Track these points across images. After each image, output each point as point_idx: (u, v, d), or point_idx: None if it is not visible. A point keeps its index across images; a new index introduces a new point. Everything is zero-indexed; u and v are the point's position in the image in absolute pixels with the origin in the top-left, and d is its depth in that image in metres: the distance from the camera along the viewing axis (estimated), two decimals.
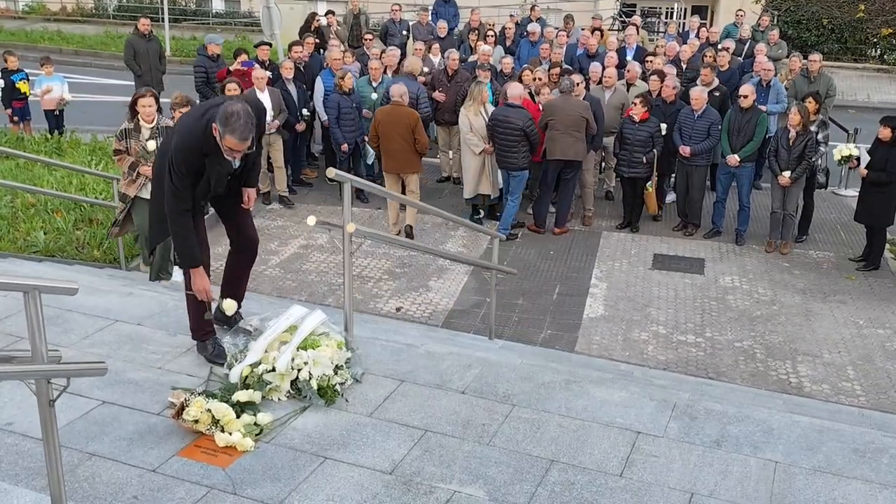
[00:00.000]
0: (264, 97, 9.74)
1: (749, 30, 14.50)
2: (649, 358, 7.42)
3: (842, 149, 9.47)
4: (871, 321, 8.14)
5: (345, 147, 10.70)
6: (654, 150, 10.01)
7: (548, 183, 10.23)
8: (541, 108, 10.18)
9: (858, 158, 9.53)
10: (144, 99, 7.37)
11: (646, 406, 4.97)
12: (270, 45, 12.08)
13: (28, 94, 12.59)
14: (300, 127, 11.06)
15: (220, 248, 6.65)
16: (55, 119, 12.75)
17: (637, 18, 16.56)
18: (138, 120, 7.40)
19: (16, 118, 12.56)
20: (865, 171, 9.11)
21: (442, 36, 14.24)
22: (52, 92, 12.51)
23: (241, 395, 4.63)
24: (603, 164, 11.76)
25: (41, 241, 8.52)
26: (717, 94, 10.53)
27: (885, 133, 8.88)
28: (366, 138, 10.57)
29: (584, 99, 10.15)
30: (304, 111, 11.11)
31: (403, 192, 9.80)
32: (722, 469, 4.33)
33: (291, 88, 10.85)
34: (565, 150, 9.81)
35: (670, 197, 11.00)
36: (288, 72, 10.84)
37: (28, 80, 12.60)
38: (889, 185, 8.93)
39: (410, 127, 9.57)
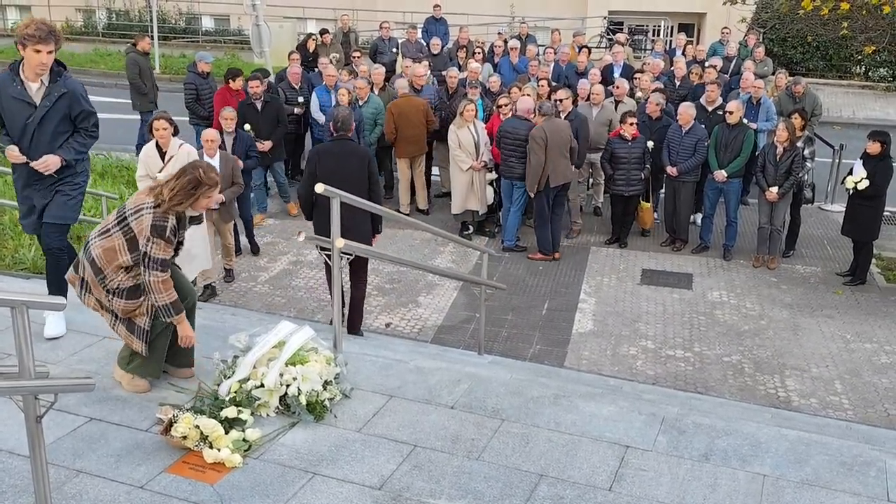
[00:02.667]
0: (214, 163, 8.32)
1: (735, 47, 14.64)
2: (638, 373, 7.43)
3: (854, 177, 9.28)
4: (859, 335, 8.19)
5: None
6: (647, 166, 10.10)
7: (546, 209, 9.90)
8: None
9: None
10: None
11: (635, 420, 4.98)
12: (267, 74, 12.10)
13: None
14: (298, 110, 11.71)
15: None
16: None
17: (622, 36, 16.71)
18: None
19: None
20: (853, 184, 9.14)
21: (435, 53, 14.33)
22: None
23: (230, 412, 4.62)
24: (591, 179, 11.84)
25: (29, 259, 8.48)
26: (721, 112, 10.16)
27: (874, 147, 8.96)
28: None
29: (571, 115, 10.21)
30: (300, 99, 11.63)
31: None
32: (710, 482, 4.34)
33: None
34: (566, 174, 9.81)
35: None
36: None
37: None
38: (875, 199, 9.02)
39: (423, 111, 10.83)
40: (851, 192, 9.07)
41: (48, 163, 5.41)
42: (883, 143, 8.94)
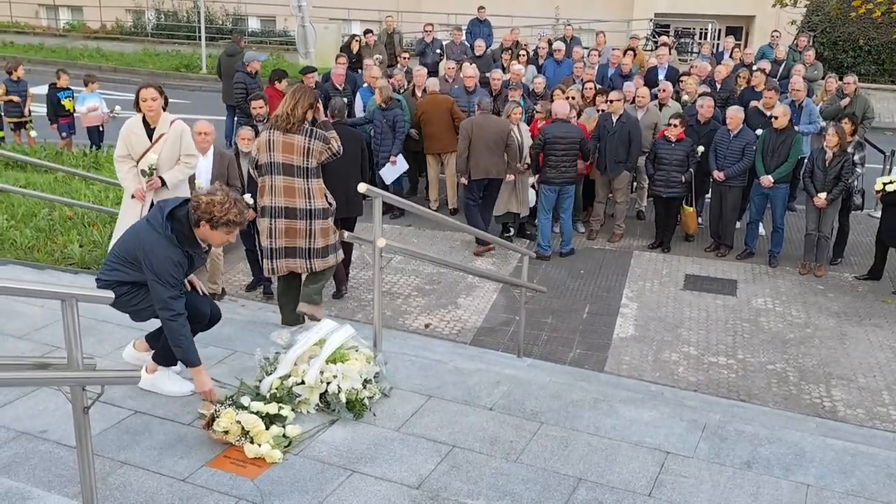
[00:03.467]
0: (207, 159, 7.54)
1: (785, 51, 14.41)
2: (680, 379, 7.35)
3: (884, 178, 9.27)
4: None
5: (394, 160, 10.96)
6: (690, 170, 9.99)
7: (472, 200, 10.10)
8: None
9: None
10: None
11: (675, 426, 4.92)
12: (315, 69, 12.19)
13: (72, 110, 12.89)
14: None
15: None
16: (98, 135, 13.03)
17: (666, 38, 16.53)
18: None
19: (64, 134, 12.93)
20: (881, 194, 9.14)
21: (479, 55, 14.34)
22: (97, 111, 12.81)
23: (271, 408, 4.66)
24: (635, 183, 11.74)
25: (77, 254, 8.65)
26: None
27: None
28: (393, 158, 10.95)
29: (622, 119, 10.16)
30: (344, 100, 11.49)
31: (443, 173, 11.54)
32: (752, 491, 4.27)
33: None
34: (488, 169, 9.88)
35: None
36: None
37: (73, 97, 12.91)
38: None
39: (448, 109, 11.01)
40: (881, 194, 9.02)
41: None
42: None
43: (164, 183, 6.43)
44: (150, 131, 6.41)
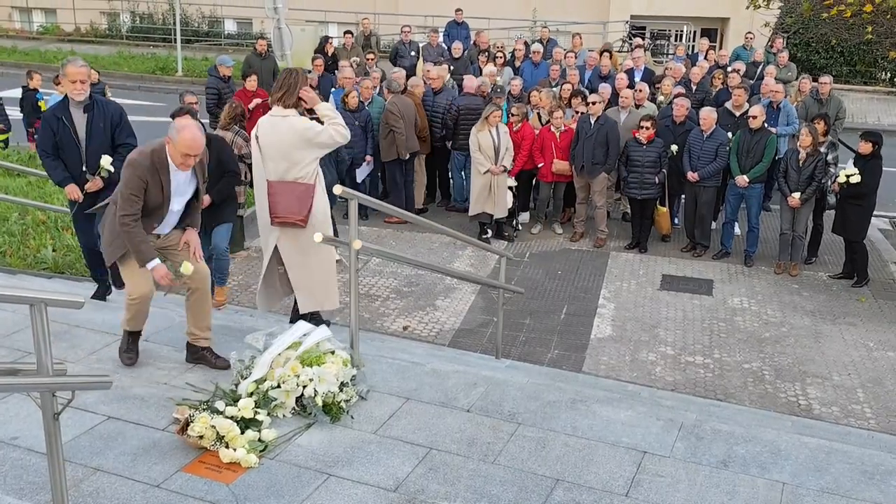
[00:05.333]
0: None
1: (762, 53, 14.51)
2: (657, 379, 7.38)
3: (846, 170, 9.42)
4: (882, 343, 8.08)
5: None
6: (664, 171, 10.04)
7: (398, 177, 11.08)
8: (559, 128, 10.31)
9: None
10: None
11: (652, 426, 4.94)
12: (309, 72, 12.14)
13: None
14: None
15: None
16: None
17: (641, 41, 16.61)
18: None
19: (36, 136, 12.73)
20: (838, 186, 9.32)
21: (456, 57, 14.33)
22: None
23: (246, 412, 4.63)
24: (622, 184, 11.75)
25: (50, 258, 8.56)
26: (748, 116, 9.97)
27: (866, 147, 9.19)
28: (368, 158, 10.97)
29: (600, 121, 10.20)
30: None
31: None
32: (729, 490, 4.29)
33: None
34: (412, 147, 10.74)
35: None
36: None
37: (44, 98, 12.75)
38: (864, 199, 9.17)
39: (415, 111, 11.00)
40: (845, 186, 9.17)
41: None
42: (875, 143, 9.20)
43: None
44: None
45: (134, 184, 4.99)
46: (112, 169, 6.50)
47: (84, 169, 6.55)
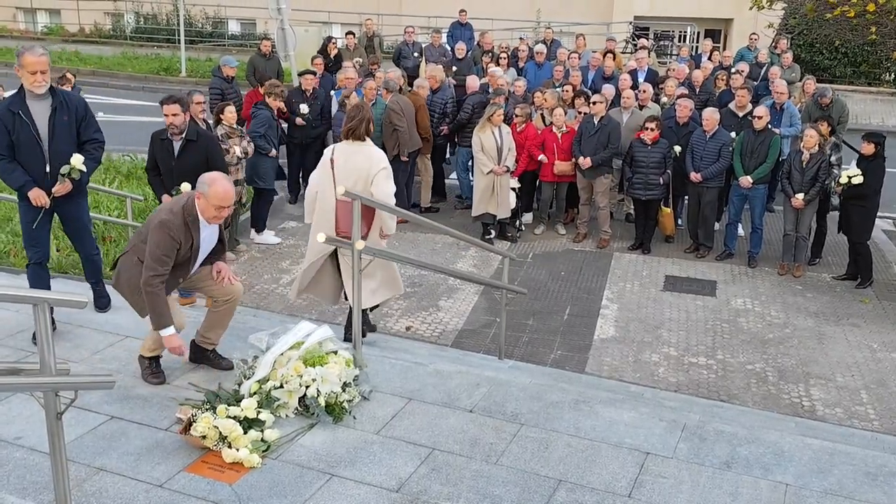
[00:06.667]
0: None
1: (767, 53, 14.49)
2: (660, 380, 7.37)
3: (849, 171, 9.41)
4: (885, 345, 8.07)
5: None
6: (668, 171, 10.03)
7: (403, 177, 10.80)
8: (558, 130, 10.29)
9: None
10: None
11: (655, 427, 4.93)
12: (315, 72, 12.11)
13: None
14: (300, 121, 11.36)
15: None
16: None
17: (645, 41, 16.60)
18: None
19: None
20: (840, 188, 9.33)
21: (460, 58, 14.33)
22: None
23: (249, 412, 4.63)
24: (626, 184, 11.74)
25: (55, 258, 8.56)
26: (751, 117, 9.99)
27: (868, 148, 9.16)
28: None
29: (603, 121, 10.19)
30: (303, 107, 11.32)
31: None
32: (731, 491, 4.29)
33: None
34: (413, 146, 10.79)
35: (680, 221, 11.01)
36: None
37: None
38: (867, 200, 9.14)
39: (415, 110, 11.02)
40: (846, 187, 9.17)
41: None
42: (877, 144, 9.17)
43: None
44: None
45: (167, 244, 4.84)
46: (84, 169, 5.85)
47: (48, 170, 5.77)
